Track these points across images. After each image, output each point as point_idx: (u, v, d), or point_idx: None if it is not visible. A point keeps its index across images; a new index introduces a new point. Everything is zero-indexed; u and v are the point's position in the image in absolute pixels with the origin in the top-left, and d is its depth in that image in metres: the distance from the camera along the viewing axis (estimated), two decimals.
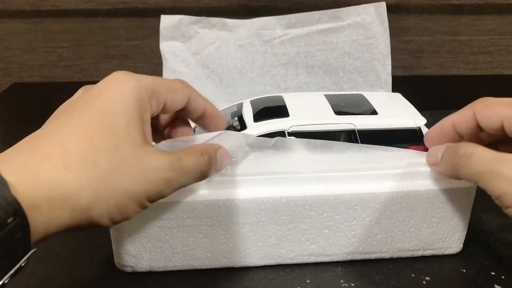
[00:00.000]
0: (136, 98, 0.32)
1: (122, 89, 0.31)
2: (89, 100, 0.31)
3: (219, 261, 0.42)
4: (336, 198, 0.39)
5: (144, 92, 0.32)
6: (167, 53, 0.56)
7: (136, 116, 0.31)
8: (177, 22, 0.57)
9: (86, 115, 0.30)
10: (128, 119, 0.31)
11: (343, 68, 0.58)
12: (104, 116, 0.30)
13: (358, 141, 0.41)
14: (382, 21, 0.58)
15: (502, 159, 0.34)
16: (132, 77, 0.32)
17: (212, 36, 0.58)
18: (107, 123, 0.30)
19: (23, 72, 0.93)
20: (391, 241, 0.42)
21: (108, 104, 0.31)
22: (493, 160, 0.34)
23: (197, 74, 0.55)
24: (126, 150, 0.30)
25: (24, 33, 0.90)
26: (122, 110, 0.31)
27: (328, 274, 0.42)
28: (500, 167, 0.33)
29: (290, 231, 0.41)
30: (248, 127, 0.41)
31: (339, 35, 0.58)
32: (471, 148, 0.35)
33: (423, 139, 0.42)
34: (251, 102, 0.45)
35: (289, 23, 0.59)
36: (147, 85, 0.33)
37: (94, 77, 0.93)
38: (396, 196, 0.40)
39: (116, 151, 0.30)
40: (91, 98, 0.31)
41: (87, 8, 0.87)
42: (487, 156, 0.34)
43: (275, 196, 0.39)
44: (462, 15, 0.89)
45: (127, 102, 0.31)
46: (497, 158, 0.34)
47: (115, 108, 0.31)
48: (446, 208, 0.41)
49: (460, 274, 0.42)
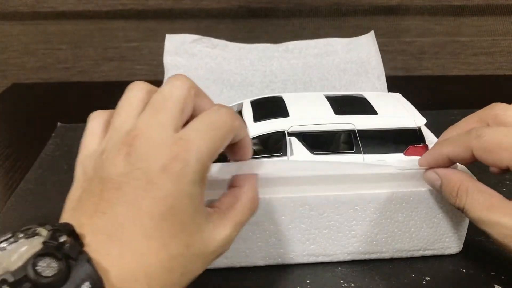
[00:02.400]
0: (199, 181, 0.29)
1: (183, 176, 0.28)
2: (146, 187, 0.28)
3: (220, 261, 0.41)
4: (336, 198, 0.39)
5: (205, 169, 0.29)
6: (169, 65, 0.58)
7: (199, 197, 0.29)
8: (180, 40, 0.60)
9: (153, 209, 0.27)
10: (193, 206, 0.29)
11: (339, 81, 0.61)
12: (171, 209, 0.28)
13: (358, 141, 0.41)
14: (373, 44, 0.62)
15: (497, 205, 0.34)
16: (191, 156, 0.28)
17: (213, 54, 0.60)
18: (177, 220, 0.28)
19: (21, 74, 0.93)
20: (391, 241, 0.42)
21: (170, 194, 0.28)
22: (488, 207, 0.34)
23: (197, 84, 0.57)
24: (196, 243, 0.29)
25: (22, 35, 0.90)
26: (186, 197, 0.28)
27: (328, 274, 0.42)
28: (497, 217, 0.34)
29: (290, 231, 0.41)
30: (248, 127, 0.41)
31: (334, 57, 0.62)
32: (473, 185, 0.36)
33: (423, 139, 0.42)
34: (251, 102, 0.45)
35: (287, 49, 0.63)
36: (206, 161, 0.29)
37: (93, 79, 0.93)
38: (396, 196, 0.40)
39: (188, 251, 0.28)
40: (147, 184, 0.28)
41: (85, 10, 0.87)
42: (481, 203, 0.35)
43: (275, 196, 0.39)
44: (463, 16, 0.89)
45: (189, 188, 0.28)
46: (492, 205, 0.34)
47: (180, 200, 0.28)
48: (446, 208, 0.41)
49: (460, 274, 0.42)
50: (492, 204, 0.34)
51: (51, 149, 0.63)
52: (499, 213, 0.34)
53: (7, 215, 0.50)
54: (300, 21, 0.90)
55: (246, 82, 0.59)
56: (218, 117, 0.31)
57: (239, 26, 0.90)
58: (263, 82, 0.59)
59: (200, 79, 0.57)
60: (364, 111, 0.43)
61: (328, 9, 0.89)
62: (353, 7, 0.89)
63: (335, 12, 0.89)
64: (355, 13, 0.89)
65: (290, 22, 0.90)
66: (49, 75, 0.93)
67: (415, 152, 0.42)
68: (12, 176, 0.58)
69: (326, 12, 0.89)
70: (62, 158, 0.61)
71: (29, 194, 0.53)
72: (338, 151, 0.42)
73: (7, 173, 0.58)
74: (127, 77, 0.93)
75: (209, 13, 0.88)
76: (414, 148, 0.42)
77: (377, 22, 0.90)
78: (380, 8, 0.88)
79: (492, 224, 0.34)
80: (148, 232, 0.27)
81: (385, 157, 0.42)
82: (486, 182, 0.36)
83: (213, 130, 0.30)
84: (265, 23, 0.90)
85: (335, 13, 0.89)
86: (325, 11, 0.89)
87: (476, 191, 0.36)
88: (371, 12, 0.89)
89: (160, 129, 0.29)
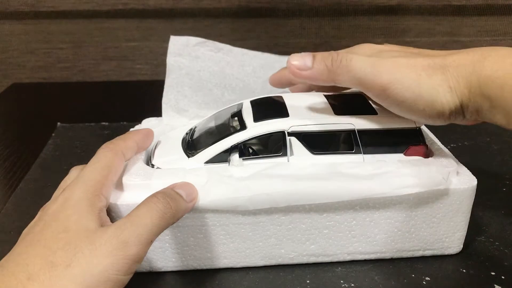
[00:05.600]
0: (84, 204, 0.35)
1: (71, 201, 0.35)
2: (48, 221, 0.34)
3: (219, 261, 0.41)
4: (336, 198, 0.39)
5: (90, 191, 0.36)
6: (172, 66, 0.58)
7: (87, 211, 0.34)
8: (184, 42, 0.60)
9: (45, 231, 0.33)
10: (79, 216, 0.34)
11: None
12: (61, 227, 0.33)
13: (358, 141, 0.41)
14: None
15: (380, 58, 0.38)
16: (77, 186, 0.36)
17: (217, 58, 0.60)
18: (61, 228, 0.33)
19: (21, 73, 0.93)
20: (391, 241, 0.42)
21: (63, 219, 0.34)
22: (373, 61, 0.38)
23: (200, 86, 0.57)
24: (79, 240, 0.32)
25: (22, 34, 0.90)
26: (74, 213, 0.34)
27: (328, 274, 0.42)
28: (381, 63, 0.38)
29: (290, 231, 0.41)
30: (248, 127, 0.41)
31: None
32: (350, 55, 0.39)
33: (423, 139, 0.42)
34: (251, 102, 0.45)
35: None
36: (95, 187, 0.36)
37: (93, 78, 0.93)
38: (396, 197, 0.40)
39: (69, 246, 0.32)
40: (49, 220, 0.34)
41: (86, 9, 0.87)
42: (366, 59, 0.38)
43: (275, 196, 0.39)
44: (463, 16, 0.89)
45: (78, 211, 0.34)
46: (377, 58, 0.38)
47: (69, 216, 0.34)
48: (446, 208, 0.41)
49: (460, 274, 0.42)
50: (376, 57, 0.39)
51: (51, 149, 0.63)
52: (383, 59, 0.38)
53: (7, 215, 0.50)
54: (300, 20, 0.90)
55: (248, 88, 0.60)
56: None
57: (239, 26, 0.90)
58: (264, 89, 0.59)
59: (202, 81, 0.57)
60: (364, 111, 0.43)
61: (328, 9, 0.89)
62: (353, 7, 0.89)
63: (335, 12, 0.89)
64: (355, 13, 0.89)
65: (290, 21, 0.90)
66: (49, 75, 0.93)
67: (415, 152, 0.42)
68: (12, 176, 0.58)
69: (326, 12, 0.89)
70: (62, 158, 0.61)
71: (29, 194, 0.53)
72: (338, 151, 0.42)
73: (7, 173, 0.58)
74: (127, 76, 0.93)
75: (209, 12, 0.88)
76: (414, 148, 0.42)
77: (377, 22, 0.90)
78: (380, 8, 0.88)
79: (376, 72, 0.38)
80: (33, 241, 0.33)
81: (385, 157, 0.42)
82: (486, 183, 0.36)
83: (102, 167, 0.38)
84: (265, 23, 0.90)
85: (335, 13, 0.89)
86: (325, 11, 0.89)
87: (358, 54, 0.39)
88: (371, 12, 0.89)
89: None
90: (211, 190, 0.38)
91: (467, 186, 0.40)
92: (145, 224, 0.33)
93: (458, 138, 0.65)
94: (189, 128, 0.46)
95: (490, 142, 0.64)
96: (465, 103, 0.36)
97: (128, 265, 0.32)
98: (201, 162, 0.41)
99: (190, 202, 0.37)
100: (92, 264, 0.31)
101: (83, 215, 0.34)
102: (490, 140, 0.64)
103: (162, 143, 0.45)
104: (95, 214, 0.34)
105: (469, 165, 0.43)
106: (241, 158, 0.41)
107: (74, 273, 0.31)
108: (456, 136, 0.65)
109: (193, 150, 0.42)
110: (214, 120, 0.45)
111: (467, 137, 0.65)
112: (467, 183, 0.41)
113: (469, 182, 0.41)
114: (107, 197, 0.37)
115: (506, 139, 0.64)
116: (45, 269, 0.31)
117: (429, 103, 0.37)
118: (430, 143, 0.44)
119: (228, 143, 0.41)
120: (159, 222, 0.34)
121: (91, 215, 0.34)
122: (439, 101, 0.37)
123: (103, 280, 0.31)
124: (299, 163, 0.41)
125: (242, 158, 0.41)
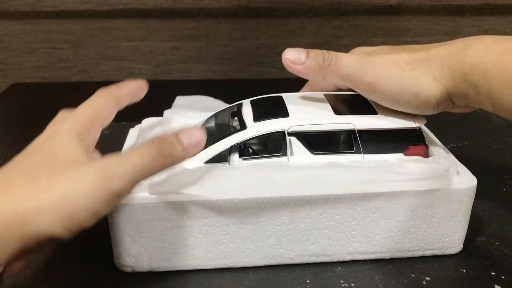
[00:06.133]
0: (72, 135, 0.35)
1: (59, 132, 0.35)
2: (34, 148, 0.35)
3: (219, 261, 0.42)
4: (336, 198, 0.39)
5: (79, 126, 0.36)
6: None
7: (74, 143, 0.34)
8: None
9: (32, 155, 0.34)
10: (66, 146, 0.34)
11: None
12: (47, 153, 0.34)
13: (358, 141, 0.41)
14: None
15: (367, 56, 0.41)
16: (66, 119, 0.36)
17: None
18: (48, 155, 0.34)
19: (21, 73, 0.93)
20: (391, 241, 0.42)
21: (50, 144, 0.34)
22: (360, 59, 0.41)
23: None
24: (65, 166, 0.33)
25: (22, 34, 0.90)
26: (62, 143, 0.34)
27: (328, 274, 0.42)
28: (367, 61, 0.40)
29: (290, 231, 0.41)
30: (248, 127, 0.41)
31: None
32: (340, 54, 0.41)
33: (423, 139, 0.42)
34: (251, 102, 0.45)
35: None
36: (84, 123, 0.37)
37: (93, 78, 0.93)
38: (396, 197, 0.40)
39: (54, 170, 0.32)
40: (36, 147, 0.35)
41: (86, 9, 0.87)
42: (354, 57, 0.41)
43: (275, 196, 0.39)
44: (463, 15, 0.89)
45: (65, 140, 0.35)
46: (364, 57, 0.41)
47: (57, 146, 0.34)
48: (446, 208, 0.41)
49: (460, 274, 0.42)
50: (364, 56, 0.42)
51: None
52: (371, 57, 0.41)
53: None
54: (300, 20, 0.90)
55: None
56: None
57: (239, 26, 0.90)
58: None
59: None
60: (364, 111, 0.43)
61: (328, 9, 0.89)
62: (353, 7, 0.89)
63: (335, 12, 0.89)
64: (355, 13, 0.89)
65: (290, 21, 0.90)
66: (49, 74, 0.93)
67: (415, 152, 0.42)
68: None
69: (326, 11, 0.89)
70: None
71: None
72: (338, 151, 0.42)
73: None
74: (127, 76, 0.93)
75: (209, 12, 0.88)
76: (414, 148, 0.42)
77: (377, 22, 0.90)
78: (380, 8, 0.89)
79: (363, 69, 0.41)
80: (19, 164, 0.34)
81: (385, 157, 0.42)
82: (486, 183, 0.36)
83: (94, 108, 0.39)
84: (265, 23, 0.90)
85: (335, 13, 0.89)
86: (325, 11, 0.89)
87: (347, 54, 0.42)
88: (371, 11, 0.89)
89: None
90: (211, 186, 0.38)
91: (467, 186, 0.40)
92: (133, 164, 0.33)
93: (458, 138, 0.65)
94: None
95: (490, 142, 0.64)
96: (451, 90, 0.38)
97: (109, 198, 0.32)
98: (201, 162, 0.41)
99: (191, 150, 0.36)
100: (74, 189, 0.31)
101: (71, 146, 0.34)
102: (490, 140, 0.64)
103: None
104: (83, 147, 0.34)
105: (469, 165, 0.43)
106: (241, 158, 0.41)
107: (54, 194, 0.31)
108: (456, 136, 0.65)
109: None
110: (214, 120, 0.45)
111: (467, 137, 0.65)
112: (467, 183, 0.41)
113: (469, 182, 0.41)
114: (95, 137, 0.37)
115: (506, 139, 0.64)
116: (26, 184, 0.31)
117: (414, 94, 0.39)
118: (430, 143, 0.44)
119: (228, 143, 0.41)
120: (149, 165, 0.34)
121: (79, 147, 0.34)
122: (425, 92, 0.39)
123: (82, 206, 0.31)
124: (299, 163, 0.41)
125: (242, 158, 0.41)
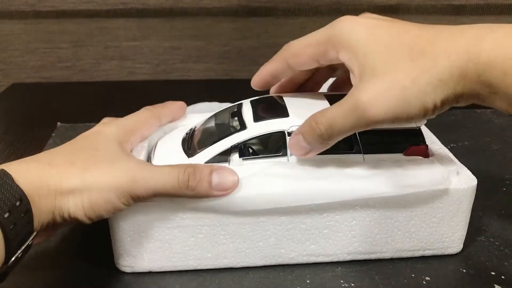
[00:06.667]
0: (115, 137, 0.40)
1: (105, 132, 0.40)
2: (80, 138, 0.40)
3: (219, 261, 0.42)
4: (336, 198, 0.39)
5: (122, 131, 0.41)
6: None
7: (115, 145, 0.39)
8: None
9: (76, 144, 0.39)
10: (108, 144, 0.39)
11: None
12: (89, 145, 0.39)
13: (358, 141, 0.41)
14: None
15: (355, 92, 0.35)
16: (113, 124, 0.42)
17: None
18: (91, 146, 0.39)
19: (22, 73, 0.93)
20: (391, 241, 0.42)
21: (94, 140, 0.40)
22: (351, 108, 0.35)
23: None
24: (103, 158, 0.37)
25: (23, 34, 0.90)
26: (105, 141, 0.40)
27: (328, 274, 0.42)
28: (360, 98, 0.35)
29: (290, 231, 0.41)
30: (248, 127, 0.41)
31: None
32: (323, 118, 0.36)
33: (423, 139, 0.42)
34: (251, 102, 0.45)
35: None
36: (126, 131, 0.42)
37: (93, 78, 0.93)
38: (396, 196, 0.40)
39: (93, 159, 0.37)
40: (82, 137, 0.40)
41: (86, 9, 0.87)
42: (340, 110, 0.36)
43: (275, 196, 0.39)
44: (463, 15, 0.89)
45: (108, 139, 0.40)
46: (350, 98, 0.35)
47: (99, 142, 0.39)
48: (446, 208, 0.41)
49: (460, 274, 0.42)
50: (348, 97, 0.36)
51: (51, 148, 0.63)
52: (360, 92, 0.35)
53: None
54: (300, 20, 0.90)
55: None
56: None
57: (239, 25, 0.90)
58: None
59: None
60: None
61: (328, 9, 0.89)
62: (353, 7, 0.89)
63: (335, 11, 0.89)
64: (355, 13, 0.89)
65: (290, 21, 0.90)
66: (50, 74, 0.93)
67: (415, 152, 0.42)
68: None
69: (326, 11, 0.89)
70: None
71: None
72: (338, 151, 0.42)
73: None
74: (127, 76, 0.93)
75: (209, 12, 0.88)
76: (414, 148, 0.42)
77: None
78: (380, 8, 0.88)
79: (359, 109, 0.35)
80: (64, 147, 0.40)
81: (385, 157, 0.42)
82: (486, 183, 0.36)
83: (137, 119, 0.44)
84: (265, 22, 0.90)
85: (335, 13, 0.89)
86: (325, 11, 0.89)
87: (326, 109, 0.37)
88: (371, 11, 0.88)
89: None
90: None
91: (467, 186, 0.40)
92: (157, 181, 0.36)
93: (458, 138, 0.64)
94: (189, 128, 0.46)
95: (490, 142, 0.64)
96: (460, 92, 0.34)
97: (129, 199, 0.36)
98: (201, 162, 0.41)
99: (216, 192, 0.38)
100: (101, 181, 0.35)
101: (112, 146, 0.39)
102: (490, 140, 0.64)
103: (162, 143, 0.45)
104: (122, 151, 0.39)
105: (469, 165, 0.43)
106: (241, 158, 0.41)
107: (85, 179, 0.35)
108: (456, 136, 0.65)
109: (193, 150, 0.42)
110: (214, 120, 0.45)
111: (467, 137, 0.65)
112: (467, 183, 0.41)
113: (469, 182, 0.41)
114: (133, 145, 0.43)
115: (506, 139, 0.64)
116: (66, 164, 0.36)
117: (420, 108, 0.34)
118: (430, 143, 0.44)
119: (228, 143, 0.41)
120: (171, 189, 0.37)
121: (118, 149, 0.39)
122: (430, 107, 0.34)
123: (104, 197, 0.35)
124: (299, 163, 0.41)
125: (242, 158, 0.41)
